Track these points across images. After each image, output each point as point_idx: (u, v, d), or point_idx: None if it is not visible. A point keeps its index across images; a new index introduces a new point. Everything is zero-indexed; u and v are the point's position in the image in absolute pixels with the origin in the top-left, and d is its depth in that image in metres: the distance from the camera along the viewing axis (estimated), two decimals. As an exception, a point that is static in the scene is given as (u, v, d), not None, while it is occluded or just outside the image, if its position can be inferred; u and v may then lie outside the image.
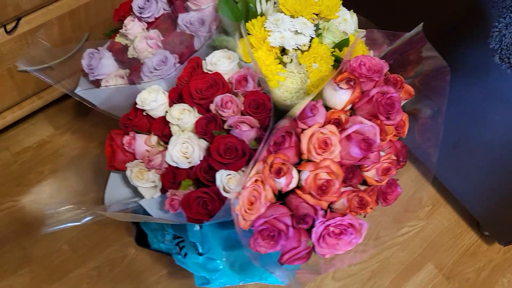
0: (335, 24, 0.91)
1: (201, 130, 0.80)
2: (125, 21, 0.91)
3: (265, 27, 0.88)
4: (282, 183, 0.75)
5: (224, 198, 0.78)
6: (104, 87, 0.88)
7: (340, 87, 0.79)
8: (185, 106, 0.82)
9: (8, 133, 1.42)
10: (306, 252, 0.77)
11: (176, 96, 0.85)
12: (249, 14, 0.91)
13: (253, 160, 0.77)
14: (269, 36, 0.87)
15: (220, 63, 0.84)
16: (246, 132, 0.78)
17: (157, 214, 0.85)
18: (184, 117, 0.81)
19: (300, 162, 0.79)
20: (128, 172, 0.86)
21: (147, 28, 0.89)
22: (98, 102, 0.89)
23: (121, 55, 0.89)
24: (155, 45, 0.86)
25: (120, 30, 0.92)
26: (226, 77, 0.84)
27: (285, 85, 0.87)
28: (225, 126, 0.80)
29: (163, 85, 0.86)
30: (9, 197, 1.33)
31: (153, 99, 0.84)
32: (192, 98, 0.82)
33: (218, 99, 0.80)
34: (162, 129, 0.85)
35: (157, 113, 0.85)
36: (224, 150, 0.78)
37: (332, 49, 0.89)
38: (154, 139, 0.85)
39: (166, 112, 0.85)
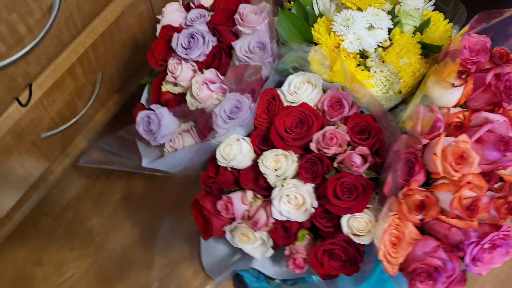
0: (408, 4, 0.78)
1: (308, 176, 0.69)
2: (170, 66, 0.77)
3: (334, 32, 0.75)
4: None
5: (357, 243, 0.68)
6: (174, 152, 0.75)
7: (453, 85, 0.68)
8: (278, 151, 0.71)
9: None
10: (461, 276, 0.69)
11: (260, 140, 0.73)
12: (309, 19, 0.77)
13: (382, 198, 0.67)
14: (342, 41, 0.74)
15: (301, 90, 0.72)
16: (362, 166, 0.67)
17: (276, 272, 0.76)
18: (281, 165, 0.70)
19: (428, 181, 0.69)
20: (228, 237, 0.76)
21: (200, 69, 0.76)
22: (170, 167, 0.77)
23: (178, 107, 0.76)
24: (220, 88, 0.73)
25: (167, 78, 0.78)
26: (311, 105, 0.72)
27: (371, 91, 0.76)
28: (335, 164, 0.69)
29: (240, 130, 0.74)
30: (66, 265, 1.23)
31: (237, 152, 0.72)
32: (283, 140, 0.71)
33: (318, 136, 0.68)
34: (254, 181, 0.73)
35: (243, 164, 0.74)
36: (343, 192, 0.67)
37: (414, 35, 0.77)
38: (250, 194, 0.74)
39: (255, 161, 0.73)
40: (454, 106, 0.71)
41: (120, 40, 1.10)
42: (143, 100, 0.86)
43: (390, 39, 0.75)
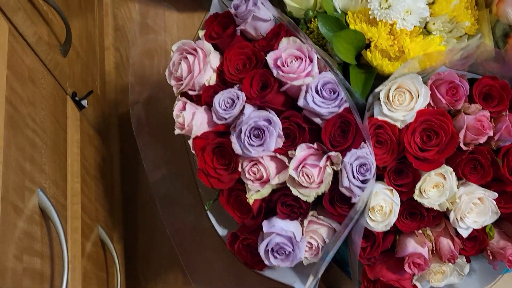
0: None
1: (477, 177, 0.60)
2: (247, 174, 0.59)
3: (380, 20, 0.63)
4: None
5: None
6: (322, 252, 0.61)
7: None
8: (431, 175, 0.60)
9: None
10: None
11: (394, 177, 0.62)
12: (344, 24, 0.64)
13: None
14: (393, 24, 0.63)
15: (406, 102, 0.60)
16: (521, 128, 0.60)
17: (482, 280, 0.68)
18: (444, 185, 0.60)
19: None
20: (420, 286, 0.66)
21: (284, 155, 0.60)
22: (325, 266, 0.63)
23: (291, 209, 0.60)
24: (327, 159, 0.58)
25: (249, 187, 0.61)
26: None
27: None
28: (493, 147, 0.61)
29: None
30: None
31: (389, 204, 0.60)
32: (427, 161, 0.59)
33: (463, 134, 0.58)
34: (416, 220, 0.63)
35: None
36: (518, 166, 0.60)
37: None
38: (420, 233, 0.63)
39: (403, 200, 0.62)
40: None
41: (92, 178, 0.87)
42: (219, 230, 0.68)
43: (429, -9, 0.66)
